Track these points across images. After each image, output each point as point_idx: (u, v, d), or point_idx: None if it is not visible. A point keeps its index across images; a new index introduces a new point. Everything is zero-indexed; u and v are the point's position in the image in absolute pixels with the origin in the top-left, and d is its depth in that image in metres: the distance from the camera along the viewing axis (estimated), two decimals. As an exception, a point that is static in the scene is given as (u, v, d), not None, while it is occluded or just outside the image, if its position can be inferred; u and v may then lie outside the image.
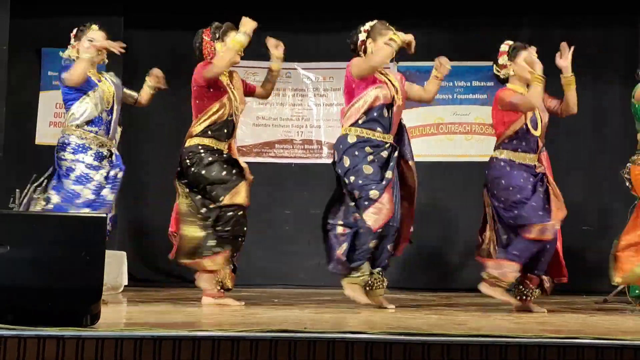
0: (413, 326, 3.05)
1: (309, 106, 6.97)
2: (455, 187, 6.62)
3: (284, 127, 6.94)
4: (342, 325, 3.14)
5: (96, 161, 4.33)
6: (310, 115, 6.95)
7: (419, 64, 4.95)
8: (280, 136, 6.93)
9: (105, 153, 4.39)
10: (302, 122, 6.96)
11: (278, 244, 5.97)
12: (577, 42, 4.36)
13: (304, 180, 6.66)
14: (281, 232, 6.16)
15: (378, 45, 4.29)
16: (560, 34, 4.48)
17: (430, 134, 6.79)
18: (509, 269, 4.18)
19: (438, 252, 6.63)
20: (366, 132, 4.26)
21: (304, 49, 6.69)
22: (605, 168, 6.17)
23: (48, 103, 6.60)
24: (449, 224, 6.63)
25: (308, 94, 6.95)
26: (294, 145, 6.94)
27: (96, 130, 4.36)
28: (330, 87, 6.88)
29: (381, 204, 4.14)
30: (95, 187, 4.31)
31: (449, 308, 4.57)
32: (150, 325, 2.78)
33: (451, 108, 6.77)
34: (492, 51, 4.63)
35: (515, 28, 4.57)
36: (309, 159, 6.86)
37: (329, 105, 6.84)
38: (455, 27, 6.73)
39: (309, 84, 6.91)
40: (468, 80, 6.80)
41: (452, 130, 6.76)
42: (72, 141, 4.32)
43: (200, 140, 4.41)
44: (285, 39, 4.90)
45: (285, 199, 6.48)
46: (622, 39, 6.65)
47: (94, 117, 4.35)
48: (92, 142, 4.33)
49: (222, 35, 4.48)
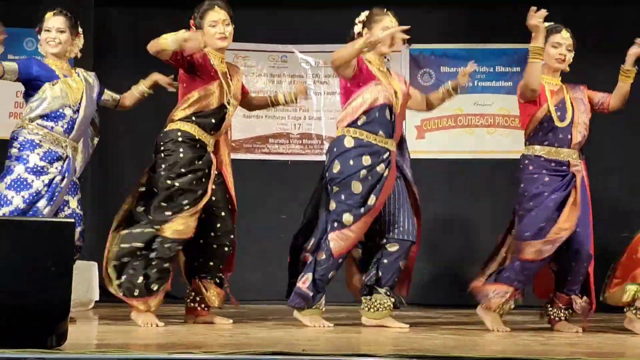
0: (427, 347, 3.09)
1: (308, 95, 6.92)
2: (476, 188, 6.65)
3: (279, 119, 6.93)
4: (345, 347, 3.16)
5: (44, 161, 4.34)
6: (309, 106, 6.94)
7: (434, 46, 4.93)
8: (274, 130, 6.93)
9: (61, 153, 4.40)
10: (299, 114, 6.96)
11: (272, 253, 5.98)
12: (611, 25, 4.38)
13: (301, 180, 6.64)
14: (275, 240, 6.15)
15: (374, 33, 4.34)
16: (594, 13, 4.48)
17: (448, 127, 6.78)
18: (494, 292, 4.28)
19: (458, 264, 6.62)
20: (366, 135, 4.32)
21: (302, 30, 6.74)
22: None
23: (7, 91, 6.57)
24: (471, 231, 6.64)
25: (307, 80, 6.88)
26: (290, 140, 6.94)
27: (52, 126, 4.37)
28: (332, 73, 6.60)
29: (350, 232, 4.29)
30: (30, 195, 4.31)
31: (469, 327, 4.60)
32: (124, 347, 2.81)
33: (471, 97, 6.71)
34: (517, 31, 4.63)
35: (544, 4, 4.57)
36: (308, 155, 6.87)
37: (331, 93, 6.82)
38: (475, 3, 6.74)
39: (308, 70, 6.91)
40: (491, 65, 6.78)
41: (472, 123, 6.75)
42: (20, 136, 4.36)
43: (182, 125, 4.41)
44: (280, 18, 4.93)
45: (280, 202, 6.51)
46: None
47: (52, 111, 4.38)
48: (43, 139, 4.35)
49: (200, 15, 4.51)
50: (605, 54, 4.88)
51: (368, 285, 4.39)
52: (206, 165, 4.41)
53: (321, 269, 4.31)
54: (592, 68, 5.48)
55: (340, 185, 4.29)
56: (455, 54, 5.36)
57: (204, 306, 4.47)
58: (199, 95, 4.42)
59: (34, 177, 4.30)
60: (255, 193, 4.60)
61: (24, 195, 4.28)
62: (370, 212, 4.28)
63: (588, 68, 5.24)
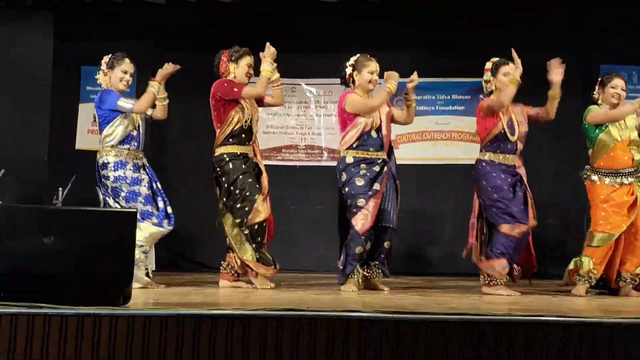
0: (402, 305, 3.07)
1: (311, 116, 6.94)
2: (437, 186, 6.60)
3: (290, 134, 6.91)
4: (340, 305, 3.13)
5: (135, 172, 4.26)
6: (312, 124, 6.93)
7: (404, 79, 4.94)
8: (286, 142, 6.91)
9: (140, 163, 4.32)
10: (305, 130, 6.94)
11: (285, 235, 5.94)
12: (543, 65, 4.35)
13: (306, 181, 6.65)
14: (288, 225, 6.12)
15: (363, 76, 4.34)
16: (529, 59, 4.48)
17: (416, 140, 6.76)
18: (499, 266, 4.15)
19: (424, 244, 6.63)
20: (361, 153, 4.30)
21: (307, 68, 6.70)
22: (565, 172, 6.15)
23: (86, 114, 6.58)
24: (433, 219, 6.61)
25: (310, 105, 6.93)
26: (298, 150, 6.91)
27: (128, 147, 4.27)
28: (329, 100, 6.84)
29: (367, 211, 4.20)
30: (145, 197, 4.26)
31: (432, 290, 4.56)
32: (175, 305, 2.80)
33: (433, 118, 6.73)
34: (467, 69, 4.62)
35: (490, 53, 4.58)
36: (311, 162, 6.83)
37: (329, 115, 6.80)
38: (438, 50, 6.71)
39: (311, 97, 6.90)
40: (448, 94, 6.77)
41: (434, 137, 6.73)
42: (110, 160, 4.22)
43: (225, 149, 4.39)
44: (291, 59, 4.92)
45: (291, 197, 6.44)
46: (580, 69, 6.55)
47: (126, 136, 4.26)
48: (127, 157, 4.25)
49: (237, 58, 4.45)
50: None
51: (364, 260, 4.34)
52: (249, 163, 4.42)
53: (350, 248, 4.24)
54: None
55: (348, 185, 4.26)
56: (421, 86, 5.33)
57: (233, 273, 4.42)
58: (233, 116, 4.37)
59: (138, 187, 4.24)
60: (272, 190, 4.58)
61: (141, 199, 4.22)
62: (377, 195, 4.22)
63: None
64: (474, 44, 6.44)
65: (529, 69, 4.33)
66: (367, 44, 5.41)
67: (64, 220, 2.77)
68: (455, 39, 6.64)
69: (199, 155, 6.17)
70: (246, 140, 4.44)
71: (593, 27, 6.34)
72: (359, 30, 6.51)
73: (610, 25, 6.30)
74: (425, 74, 6.50)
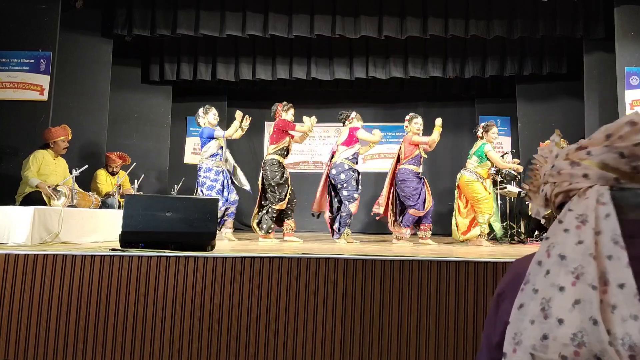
0: (366, 251, 2.84)
1: (318, 144, 6.88)
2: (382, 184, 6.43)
3: (304, 154, 6.82)
4: (331, 251, 2.88)
5: (216, 175, 4.10)
6: (317, 149, 6.86)
7: (367, 124, 4.92)
8: (301, 159, 6.83)
9: (220, 169, 4.13)
10: (313, 152, 6.87)
11: (301, 211, 5.28)
12: (446, 114, 4.27)
13: (314, 182, 6.31)
14: (303, 206, 5.56)
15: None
16: (437, 112, 4.46)
17: (375, 159, 6.74)
18: (405, 232, 4.06)
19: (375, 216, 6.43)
20: (352, 163, 4.14)
21: (312, 115, 6.63)
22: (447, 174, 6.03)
23: (190, 143, 6.56)
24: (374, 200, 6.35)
25: (317, 139, 6.81)
26: (309, 164, 6.86)
27: (214, 160, 4.13)
28: (327, 136, 6.80)
29: (357, 200, 4.10)
30: (218, 190, 4.05)
31: (382, 243, 4.18)
32: (240, 251, 2.59)
33: (385, 146, 6.68)
34: (403, 116, 4.44)
35: (413, 108, 4.64)
36: (317, 170, 6.74)
37: (328, 144, 6.67)
38: (383, 105, 6.69)
39: (316, 135, 6.75)
40: (392, 132, 6.79)
41: (385, 157, 6.67)
42: (203, 166, 4.12)
43: (275, 157, 4.10)
44: (302, 110, 4.93)
45: (305, 191, 6.18)
46: (468, 113, 6.57)
47: (215, 152, 4.14)
48: (213, 166, 4.11)
49: (286, 109, 4.21)
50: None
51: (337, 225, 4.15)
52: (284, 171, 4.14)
53: (344, 220, 4.04)
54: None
55: (346, 183, 4.04)
56: (379, 128, 5.43)
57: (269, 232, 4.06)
58: (286, 140, 4.10)
59: (215, 182, 4.07)
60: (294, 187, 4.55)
61: (215, 190, 4.03)
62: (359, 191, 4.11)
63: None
64: (405, 104, 6.48)
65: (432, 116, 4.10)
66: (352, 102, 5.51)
67: (178, 202, 2.60)
68: (394, 100, 6.60)
69: (256, 160, 6.08)
70: (285, 156, 4.19)
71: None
72: (346, 94, 6.46)
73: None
74: (378, 120, 6.63)
